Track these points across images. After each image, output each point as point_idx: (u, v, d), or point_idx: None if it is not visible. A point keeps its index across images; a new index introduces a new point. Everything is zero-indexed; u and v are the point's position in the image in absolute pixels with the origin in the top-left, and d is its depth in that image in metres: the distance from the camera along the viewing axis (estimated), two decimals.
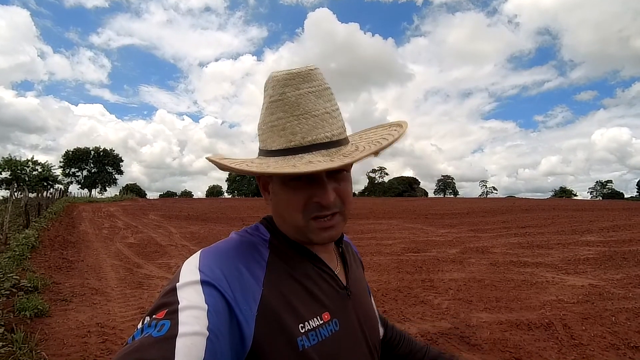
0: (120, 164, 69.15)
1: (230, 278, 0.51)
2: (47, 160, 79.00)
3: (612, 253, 7.38)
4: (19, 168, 52.27)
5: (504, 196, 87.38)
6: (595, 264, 6.43)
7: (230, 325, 0.48)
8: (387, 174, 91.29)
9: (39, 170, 54.44)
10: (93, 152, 66.42)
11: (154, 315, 0.45)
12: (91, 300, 4.36)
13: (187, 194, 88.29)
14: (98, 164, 66.55)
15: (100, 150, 67.03)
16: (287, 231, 0.61)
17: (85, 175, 65.84)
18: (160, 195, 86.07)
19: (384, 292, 4.73)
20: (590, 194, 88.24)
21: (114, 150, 68.69)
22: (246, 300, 0.51)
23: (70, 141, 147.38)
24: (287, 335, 0.52)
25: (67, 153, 65.30)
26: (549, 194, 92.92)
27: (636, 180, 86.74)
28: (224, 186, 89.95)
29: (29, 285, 4.51)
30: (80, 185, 64.34)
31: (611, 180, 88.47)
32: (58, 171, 59.22)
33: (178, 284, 0.49)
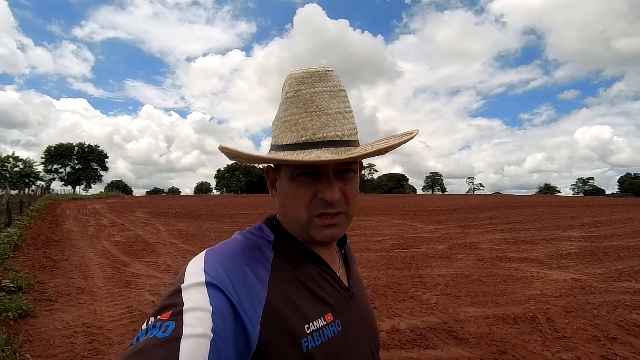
0: (106, 160, 67.86)
1: (235, 280, 0.51)
2: (29, 157, 76.84)
3: (594, 248, 7.63)
4: None
5: (491, 193, 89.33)
6: (578, 258, 6.64)
7: (234, 327, 0.48)
8: (377, 170, 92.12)
9: (21, 166, 52.83)
10: (77, 148, 64.84)
11: (158, 316, 0.45)
12: (77, 300, 4.28)
13: (175, 191, 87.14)
14: (82, 160, 65.04)
15: (85, 146, 65.51)
16: (291, 229, 0.62)
17: (68, 172, 64.31)
18: (147, 192, 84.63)
19: (373, 288, 4.78)
20: (572, 190, 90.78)
21: (99, 147, 67.36)
22: (251, 302, 0.51)
23: (53, 137, 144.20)
24: (292, 336, 0.53)
25: (49, 149, 63.57)
26: (534, 191, 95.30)
27: (617, 177, 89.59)
28: (213, 183, 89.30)
29: (11, 285, 4.38)
30: (63, 182, 62.85)
31: (593, 177, 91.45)
32: (40, 167, 57.68)
33: (183, 285, 0.49)
